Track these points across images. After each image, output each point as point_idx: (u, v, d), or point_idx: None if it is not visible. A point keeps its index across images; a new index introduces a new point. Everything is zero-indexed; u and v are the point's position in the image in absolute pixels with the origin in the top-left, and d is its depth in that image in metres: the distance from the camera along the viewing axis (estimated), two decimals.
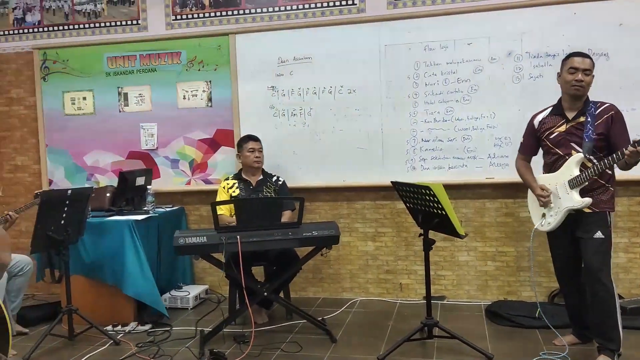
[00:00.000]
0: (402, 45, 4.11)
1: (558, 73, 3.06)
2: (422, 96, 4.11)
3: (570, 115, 3.00)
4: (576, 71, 2.91)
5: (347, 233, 4.30)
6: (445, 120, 4.09)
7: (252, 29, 4.35)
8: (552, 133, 3.04)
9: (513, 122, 3.92)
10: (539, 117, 3.14)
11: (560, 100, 3.07)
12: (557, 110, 3.06)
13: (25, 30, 4.71)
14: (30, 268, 3.75)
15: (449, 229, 3.04)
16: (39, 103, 4.68)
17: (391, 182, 3.31)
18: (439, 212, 2.96)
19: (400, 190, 3.25)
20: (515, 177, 3.40)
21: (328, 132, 4.28)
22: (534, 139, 3.15)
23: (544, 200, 3.04)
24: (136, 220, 3.88)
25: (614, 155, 2.77)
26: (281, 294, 3.84)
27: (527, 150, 3.22)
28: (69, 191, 3.53)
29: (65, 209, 3.47)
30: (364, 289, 4.35)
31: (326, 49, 4.24)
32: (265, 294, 3.47)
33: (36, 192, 4.20)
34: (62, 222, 3.46)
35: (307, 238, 3.35)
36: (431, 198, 2.94)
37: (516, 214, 4.07)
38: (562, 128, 3.00)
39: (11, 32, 4.73)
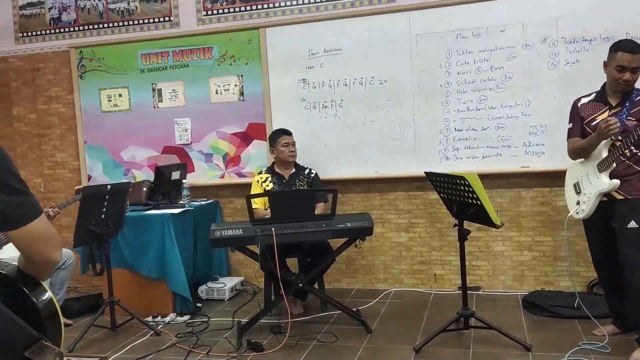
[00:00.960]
0: (433, 34, 4.07)
1: (605, 62, 2.97)
2: (455, 85, 4.07)
3: (613, 102, 2.93)
4: (624, 70, 2.83)
5: (380, 224, 4.30)
6: (479, 109, 4.05)
7: (282, 22, 4.37)
8: (593, 120, 2.98)
9: (549, 109, 3.85)
10: (582, 102, 3.07)
11: (604, 87, 3.01)
12: (601, 97, 3.00)
13: (62, 30, 4.83)
14: (72, 261, 3.88)
15: (484, 219, 3.01)
16: (76, 101, 4.80)
17: (425, 172, 3.30)
18: (474, 202, 2.93)
19: (434, 180, 3.23)
20: (551, 166, 3.36)
21: (359, 123, 4.28)
22: (581, 123, 3.06)
23: (612, 126, 2.75)
24: (173, 214, 3.96)
25: (636, 132, 2.69)
26: (315, 285, 3.87)
27: (577, 134, 3.05)
28: (109, 186, 3.62)
29: (105, 203, 3.56)
30: (398, 279, 4.35)
31: (356, 40, 4.23)
32: (300, 285, 3.50)
33: (77, 187, 4.33)
34: (103, 216, 3.56)
35: (341, 229, 3.37)
36: (466, 188, 2.92)
37: (553, 202, 4.00)
38: (605, 115, 2.94)
39: (48, 31, 4.86)
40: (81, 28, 4.81)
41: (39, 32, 4.88)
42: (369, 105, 4.24)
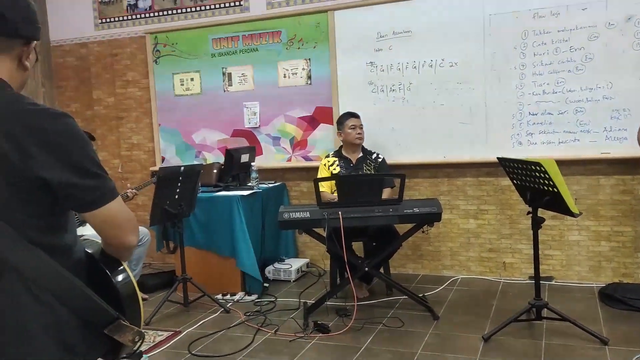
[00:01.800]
0: (509, 13, 3.91)
1: None
2: (530, 67, 3.90)
3: None
4: None
5: (448, 210, 4.23)
6: (556, 92, 3.87)
7: (350, 5, 4.33)
8: None
9: (633, 92, 3.63)
10: None
11: None
12: None
13: (138, 16, 5.01)
14: (148, 239, 4.06)
15: (560, 207, 2.89)
16: (151, 85, 4.98)
17: (497, 158, 3.20)
18: (550, 189, 2.82)
19: (507, 166, 3.13)
20: (634, 152, 3.16)
21: (428, 107, 4.20)
22: None
23: None
24: (242, 196, 4.06)
25: None
26: (381, 270, 3.87)
27: None
28: (182, 168, 3.75)
29: (179, 184, 3.69)
30: (465, 267, 4.27)
31: (426, 21, 4.13)
32: (367, 269, 3.51)
33: (152, 169, 4.52)
34: (176, 196, 3.70)
35: (408, 215, 3.34)
36: (542, 175, 2.81)
37: (635, 191, 3.78)
38: None
39: (125, 17, 5.05)
40: (156, 14, 4.96)
41: (116, 19, 5.08)
42: (438, 88, 4.15)
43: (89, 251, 1.34)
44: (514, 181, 3.16)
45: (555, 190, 2.79)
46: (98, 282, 1.28)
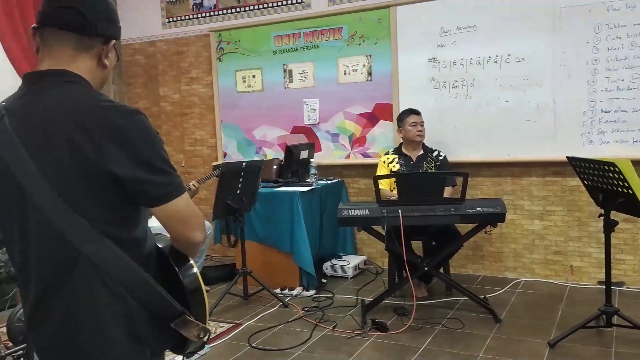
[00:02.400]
0: (581, 7, 3.75)
1: None
2: (603, 62, 3.72)
3: None
4: None
5: (512, 210, 4.10)
6: (631, 89, 3.67)
7: (412, 0, 4.27)
8: None
9: None
10: None
11: None
12: None
13: (203, 15, 5.14)
14: (211, 232, 4.17)
15: (635, 210, 2.75)
16: (214, 82, 5.10)
17: (567, 157, 3.07)
18: (625, 190, 2.68)
19: (578, 166, 3.00)
20: None
21: (492, 103, 4.08)
22: None
23: None
24: (301, 192, 4.09)
25: None
26: (440, 270, 3.80)
27: None
28: (244, 163, 3.82)
29: (241, 179, 3.76)
30: (529, 269, 4.13)
31: (492, 16, 4.02)
32: (426, 268, 3.46)
33: (214, 164, 4.63)
34: (238, 191, 3.77)
35: (471, 215, 3.27)
36: (616, 175, 2.67)
37: None
38: None
39: (191, 16, 5.19)
40: (220, 12, 5.07)
41: (183, 17, 5.23)
42: (503, 84, 4.03)
43: (160, 246, 1.37)
44: (585, 182, 3.02)
45: (631, 192, 2.65)
46: (167, 277, 1.31)
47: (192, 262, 1.36)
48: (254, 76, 4.96)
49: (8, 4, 4.32)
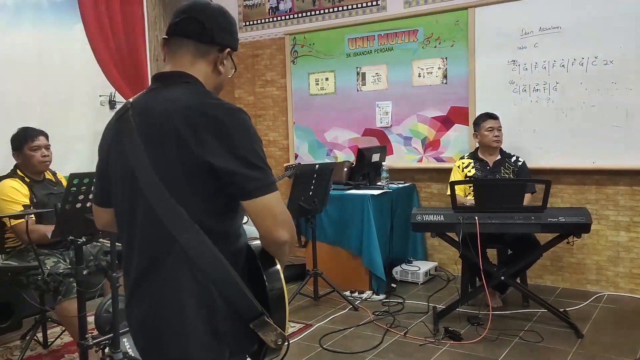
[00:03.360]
0: None
1: None
2: None
3: None
4: None
5: (595, 220, 3.87)
6: None
7: (493, 1, 4.15)
8: None
9: None
10: None
11: None
12: None
13: (279, 18, 5.22)
14: None
15: None
16: (288, 84, 5.17)
17: None
18: None
19: None
20: None
21: (577, 108, 3.90)
22: None
23: None
24: (373, 195, 4.07)
25: None
26: (517, 280, 3.67)
27: None
28: (317, 165, 3.85)
29: (313, 181, 3.80)
30: (613, 283, 3.91)
31: (578, 16, 3.84)
32: (503, 277, 3.35)
33: (286, 165, 4.68)
34: (311, 193, 3.80)
35: (553, 224, 3.13)
36: None
37: None
38: None
39: (266, 20, 5.29)
40: (295, 16, 5.13)
41: (259, 21, 5.33)
42: (589, 88, 3.84)
43: (252, 246, 1.39)
44: None
45: None
46: (253, 279, 1.34)
47: (278, 266, 1.37)
48: (327, 79, 4.99)
49: (97, 9, 4.57)
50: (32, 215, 2.83)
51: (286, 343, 1.32)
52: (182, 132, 1.24)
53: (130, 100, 1.38)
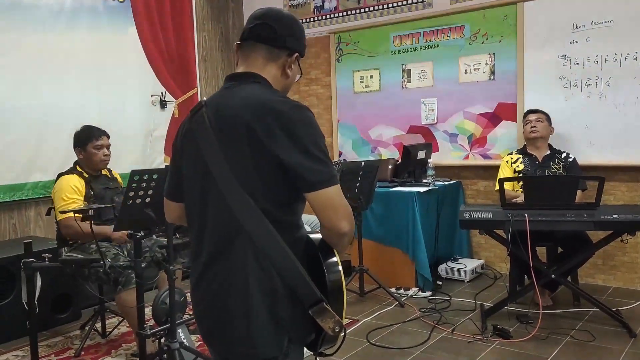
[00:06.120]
0: None
1: None
2: None
3: None
4: None
5: None
6: None
7: None
8: None
9: None
10: None
11: None
12: None
13: (324, 17, 5.27)
14: None
15: None
16: (333, 82, 5.21)
17: None
18: None
19: None
20: None
21: (630, 103, 3.80)
22: None
23: None
24: (419, 192, 4.07)
25: None
26: (568, 279, 3.61)
27: None
28: (362, 163, 3.88)
29: (359, 178, 3.82)
30: None
31: (631, 9, 3.75)
32: (553, 276, 3.30)
33: (333, 160, 4.72)
34: (356, 190, 3.83)
35: (606, 222, 3.06)
36: None
37: None
38: None
39: (312, 19, 5.34)
40: (340, 14, 5.17)
41: (304, 20, 5.39)
42: None
43: (312, 237, 1.44)
44: None
45: None
46: (311, 268, 1.39)
47: (337, 258, 1.42)
48: (371, 76, 5.01)
49: (149, 13, 4.72)
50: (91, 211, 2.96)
51: (343, 331, 1.36)
52: (252, 126, 1.32)
53: (205, 99, 1.47)
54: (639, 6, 3.71)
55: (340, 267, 1.41)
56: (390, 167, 4.64)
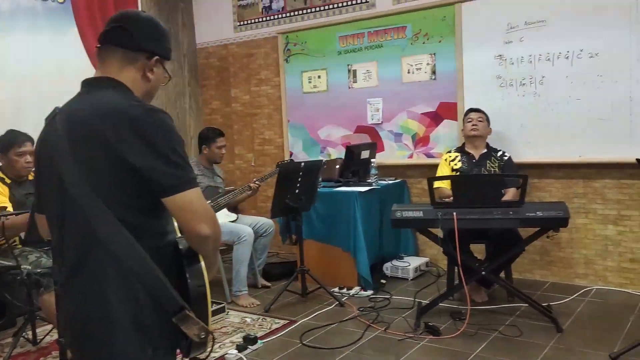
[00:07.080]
0: None
1: None
2: None
3: None
4: None
5: (583, 214, 3.88)
6: None
7: None
8: None
9: None
10: None
11: None
12: None
13: (271, 17, 5.27)
14: (272, 230, 4.29)
15: None
16: (282, 83, 5.22)
17: (637, 159, 2.86)
18: None
19: None
20: None
21: (562, 102, 3.88)
22: None
23: None
24: (360, 192, 4.10)
25: None
26: (501, 275, 3.67)
27: None
28: (302, 164, 3.89)
29: (299, 179, 3.84)
30: (601, 277, 3.89)
31: (563, 9, 3.82)
32: (484, 273, 3.36)
33: (278, 162, 4.73)
34: (297, 191, 3.85)
35: (530, 219, 3.12)
36: None
37: None
38: None
39: (260, 19, 5.34)
40: (288, 15, 5.17)
41: (252, 21, 5.39)
42: (575, 81, 3.82)
43: (180, 247, 1.43)
44: None
45: None
46: (181, 275, 1.39)
47: (202, 263, 1.41)
48: (319, 76, 5.02)
49: (90, 13, 4.65)
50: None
51: (211, 337, 1.37)
52: (104, 133, 1.30)
53: (58, 106, 1.44)
54: (571, 6, 3.78)
55: (204, 273, 1.40)
56: (337, 167, 4.66)
